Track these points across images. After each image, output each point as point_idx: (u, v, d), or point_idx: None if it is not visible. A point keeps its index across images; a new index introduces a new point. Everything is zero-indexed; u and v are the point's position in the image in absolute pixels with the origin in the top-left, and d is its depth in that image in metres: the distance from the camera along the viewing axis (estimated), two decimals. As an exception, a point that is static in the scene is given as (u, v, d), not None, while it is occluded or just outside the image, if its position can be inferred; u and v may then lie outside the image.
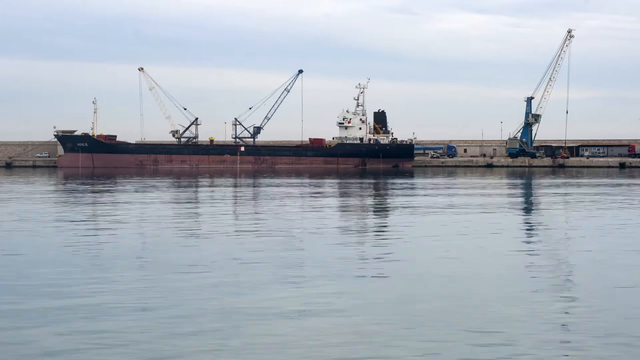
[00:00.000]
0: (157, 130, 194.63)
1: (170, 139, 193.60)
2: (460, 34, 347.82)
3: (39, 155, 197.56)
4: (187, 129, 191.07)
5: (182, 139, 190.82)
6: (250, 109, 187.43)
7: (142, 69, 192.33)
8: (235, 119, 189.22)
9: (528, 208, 56.62)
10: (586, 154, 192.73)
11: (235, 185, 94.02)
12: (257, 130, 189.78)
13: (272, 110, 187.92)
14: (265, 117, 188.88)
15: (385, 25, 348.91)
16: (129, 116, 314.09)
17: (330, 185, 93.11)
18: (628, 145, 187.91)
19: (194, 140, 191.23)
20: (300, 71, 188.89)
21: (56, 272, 24.93)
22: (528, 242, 35.02)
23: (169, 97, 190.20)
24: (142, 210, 51.85)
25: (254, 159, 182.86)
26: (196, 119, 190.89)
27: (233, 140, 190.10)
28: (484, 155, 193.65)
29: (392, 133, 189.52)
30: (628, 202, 60.99)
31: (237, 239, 35.26)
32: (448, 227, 39.71)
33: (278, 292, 21.74)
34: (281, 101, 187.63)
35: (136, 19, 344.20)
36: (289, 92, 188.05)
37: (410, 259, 28.75)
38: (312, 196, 71.06)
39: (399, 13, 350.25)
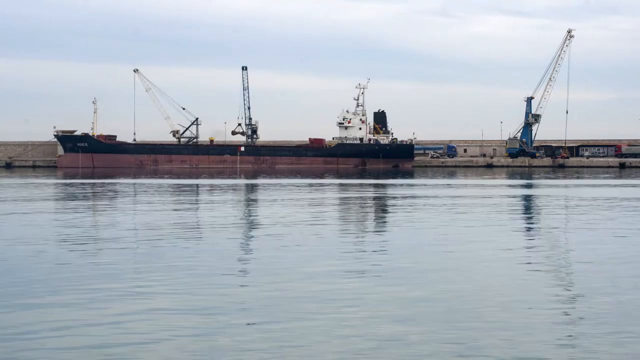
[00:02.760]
0: (157, 131, 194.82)
1: (170, 139, 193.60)
2: (461, 34, 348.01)
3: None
4: (187, 129, 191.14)
5: (183, 139, 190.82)
6: (249, 108, 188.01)
7: (137, 70, 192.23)
8: (238, 117, 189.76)
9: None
10: (586, 154, 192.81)
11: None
12: (255, 129, 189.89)
13: (245, 110, 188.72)
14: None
15: (386, 25, 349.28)
16: (129, 116, 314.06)
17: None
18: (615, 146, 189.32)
19: (195, 140, 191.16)
20: (244, 67, 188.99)
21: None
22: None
23: (166, 98, 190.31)
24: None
25: (254, 159, 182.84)
26: (196, 119, 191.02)
27: (240, 138, 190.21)
28: (484, 155, 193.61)
29: (392, 133, 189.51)
30: None
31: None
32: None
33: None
34: (247, 99, 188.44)
35: (136, 18, 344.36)
36: (246, 89, 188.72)
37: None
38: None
39: (399, 14, 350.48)
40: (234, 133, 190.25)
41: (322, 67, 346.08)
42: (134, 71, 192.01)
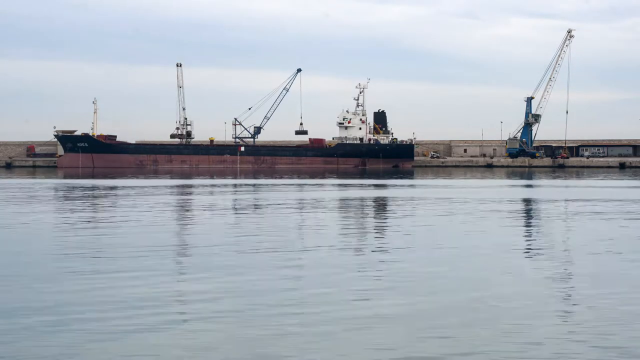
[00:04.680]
0: (158, 130, 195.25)
1: (171, 139, 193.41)
2: (462, 35, 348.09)
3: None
4: (181, 128, 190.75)
5: (177, 139, 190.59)
6: (249, 109, 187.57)
7: (180, 64, 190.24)
8: (235, 119, 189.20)
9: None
10: (586, 154, 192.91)
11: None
12: (257, 130, 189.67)
13: (272, 110, 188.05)
14: (264, 117, 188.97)
15: (386, 26, 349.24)
16: (129, 116, 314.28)
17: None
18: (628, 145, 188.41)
19: (188, 140, 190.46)
20: (299, 70, 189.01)
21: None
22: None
23: (185, 98, 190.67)
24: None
25: (254, 159, 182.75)
26: (185, 119, 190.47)
27: (233, 140, 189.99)
28: (484, 155, 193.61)
29: (392, 133, 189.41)
30: None
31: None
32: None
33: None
34: (280, 100, 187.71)
35: (136, 18, 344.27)
36: (287, 91, 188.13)
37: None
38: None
39: (400, 15, 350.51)
40: (297, 133, 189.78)
41: (322, 67, 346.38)
42: (177, 65, 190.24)
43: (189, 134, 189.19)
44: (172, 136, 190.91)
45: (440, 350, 16.41)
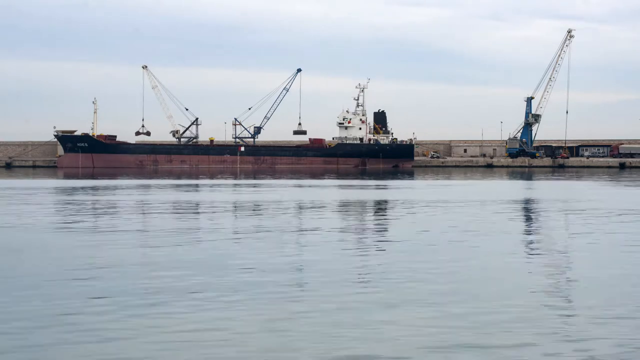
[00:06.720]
0: (158, 130, 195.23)
1: (170, 138, 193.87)
2: (460, 33, 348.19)
3: None
4: (187, 129, 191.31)
5: (183, 139, 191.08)
6: (249, 109, 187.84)
7: (145, 67, 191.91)
8: (235, 119, 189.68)
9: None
10: (586, 154, 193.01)
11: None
12: (257, 130, 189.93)
13: (272, 110, 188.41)
14: (264, 117, 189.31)
15: (385, 25, 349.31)
16: (129, 116, 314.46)
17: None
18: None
19: (194, 140, 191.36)
20: (299, 70, 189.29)
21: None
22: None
23: (171, 97, 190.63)
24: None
25: (254, 159, 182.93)
26: (196, 119, 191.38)
27: (233, 140, 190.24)
28: (484, 155, 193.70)
29: (392, 133, 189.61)
30: None
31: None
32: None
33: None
34: (280, 100, 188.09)
35: (136, 18, 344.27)
36: (287, 91, 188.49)
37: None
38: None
39: (399, 14, 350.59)
40: (295, 133, 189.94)
41: (322, 67, 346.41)
42: (143, 67, 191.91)
43: (175, 133, 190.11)
44: (173, 135, 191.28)
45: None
